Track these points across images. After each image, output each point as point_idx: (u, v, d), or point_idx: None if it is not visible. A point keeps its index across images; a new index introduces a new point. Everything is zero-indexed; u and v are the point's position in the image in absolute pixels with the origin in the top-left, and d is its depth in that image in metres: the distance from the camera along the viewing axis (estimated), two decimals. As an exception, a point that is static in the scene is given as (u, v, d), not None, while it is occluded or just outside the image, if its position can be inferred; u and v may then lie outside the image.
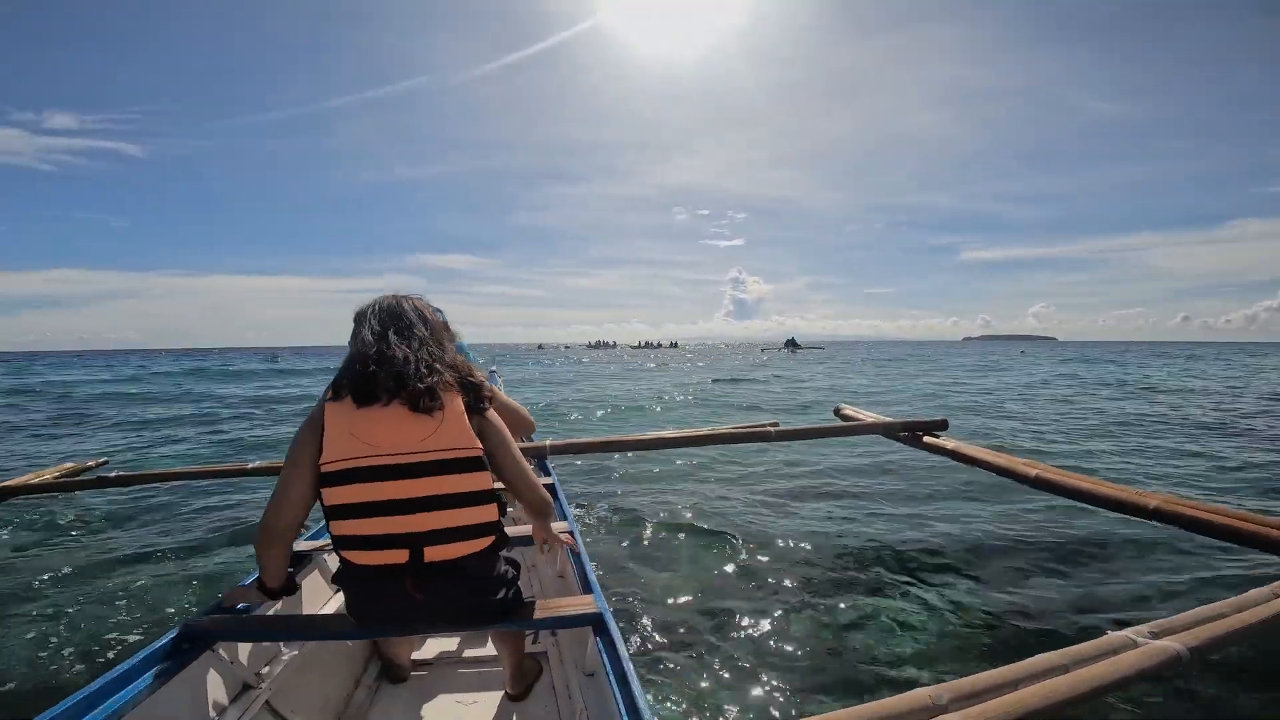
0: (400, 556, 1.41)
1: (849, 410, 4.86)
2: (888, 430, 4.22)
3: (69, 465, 5.46)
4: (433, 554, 1.42)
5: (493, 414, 1.56)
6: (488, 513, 1.46)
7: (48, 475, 4.84)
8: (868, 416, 4.60)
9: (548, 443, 3.69)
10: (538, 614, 1.60)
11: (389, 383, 1.44)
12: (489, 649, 2.30)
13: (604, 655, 1.48)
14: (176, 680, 1.47)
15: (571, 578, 2.17)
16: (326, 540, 2.38)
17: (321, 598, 2.29)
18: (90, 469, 5.33)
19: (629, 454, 7.29)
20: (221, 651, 1.65)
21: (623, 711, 1.27)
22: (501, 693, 2.03)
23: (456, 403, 1.47)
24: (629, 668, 1.39)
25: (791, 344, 75.93)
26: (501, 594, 1.53)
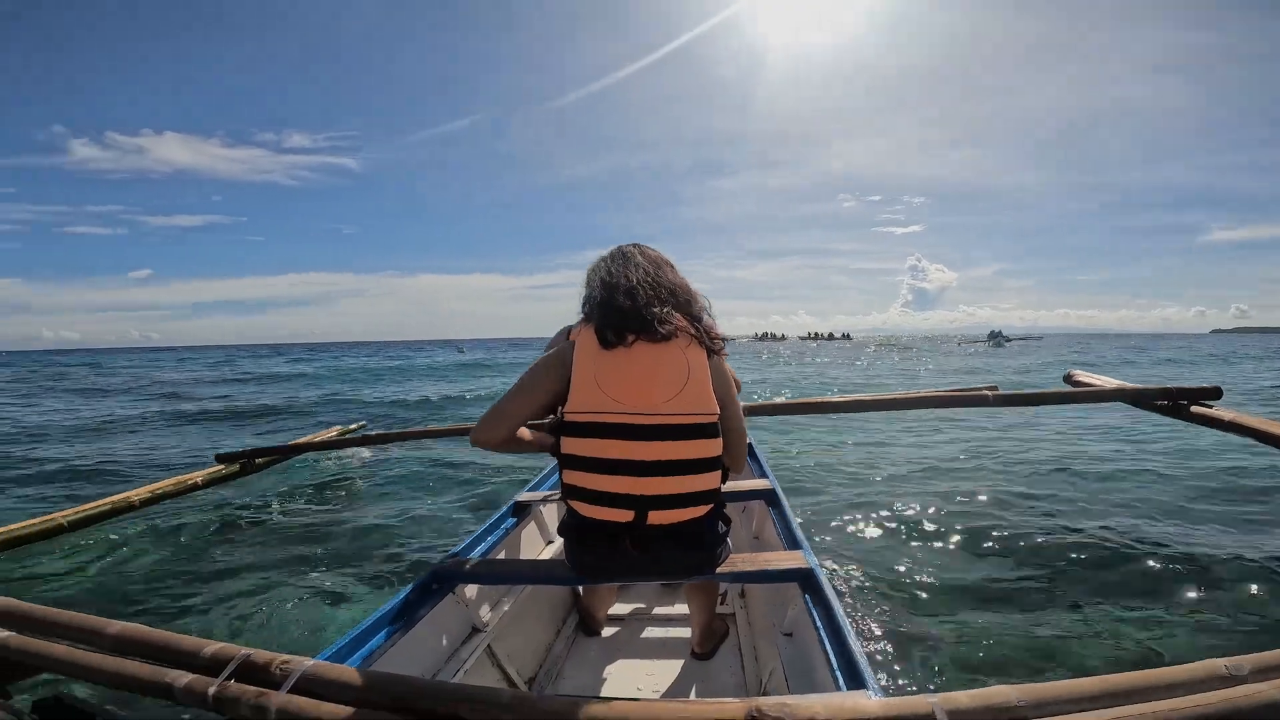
0: (625, 516, 1.43)
1: (1083, 376, 4.20)
2: (1138, 398, 3.56)
3: (337, 428, 6.65)
4: (656, 517, 1.43)
5: (726, 365, 1.55)
6: (713, 480, 1.46)
7: (323, 436, 5.92)
8: (1109, 382, 3.93)
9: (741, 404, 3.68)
10: (744, 567, 1.60)
11: (635, 318, 1.43)
12: (678, 608, 2.36)
13: (813, 613, 1.45)
14: (424, 622, 1.62)
15: (772, 536, 2.15)
16: (545, 492, 2.60)
17: (536, 549, 2.48)
18: (354, 430, 6.44)
19: (826, 417, 7.10)
20: (462, 593, 1.84)
21: (837, 670, 1.22)
22: (688, 651, 2.07)
23: (700, 359, 1.45)
24: (845, 624, 1.34)
25: (997, 337, 66.70)
26: (712, 550, 1.55)
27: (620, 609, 2.40)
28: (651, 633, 2.27)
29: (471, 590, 1.89)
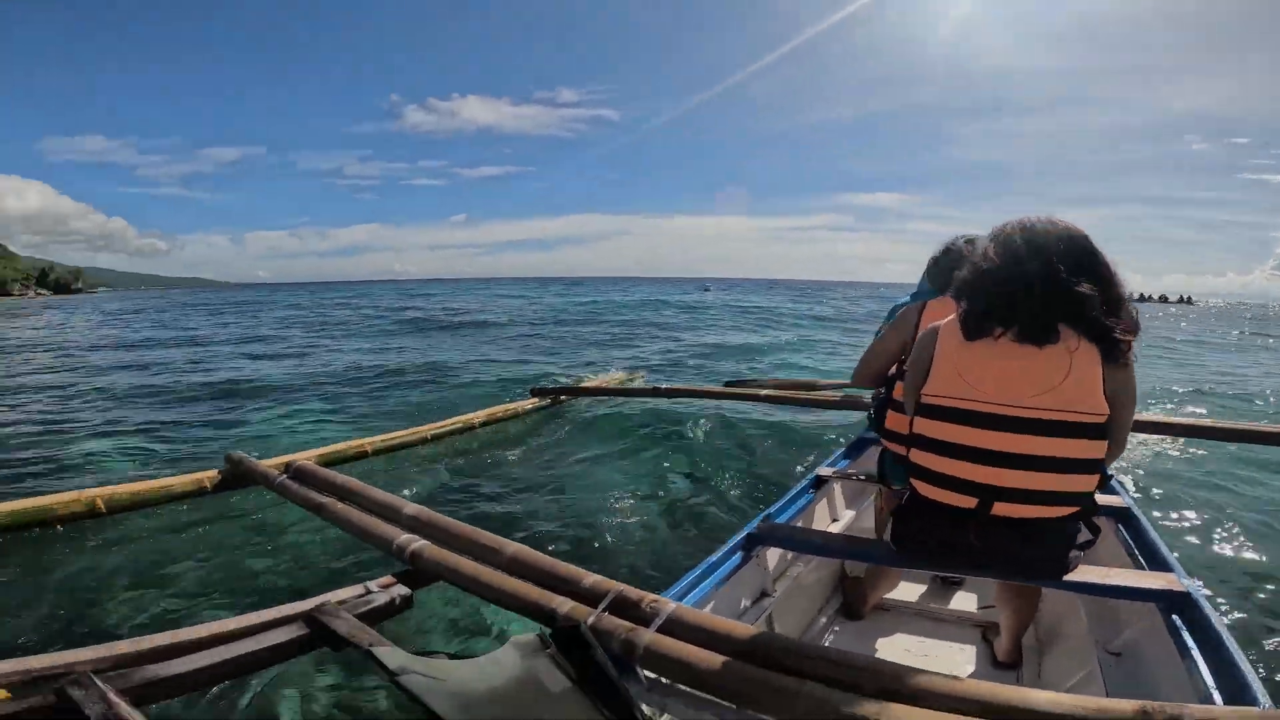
0: (968, 502, 1.40)
1: None
2: None
3: (619, 374, 7.22)
4: (1003, 509, 1.38)
5: (1132, 369, 1.36)
6: (1084, 482, 1.36)
7: (604, 381, 6.44)
8: None
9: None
10: (1098, 579, 1.45)
11: (1001, 311, 1.33)
12: (953, 603, 2.28)
13: (1191, 645, 1.31)
14: (733, 581, 1.77)
15: (1121, 555, 1.95)
16: (841, 469, 2.61)
17: (824, 524, 2.54)
18: (633, 379, 6.91)
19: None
20: (764, 557, 1.96)
21: (1212, 687, 1.16)
22: (952, 647, 2.05)
23: (1090, 355, 1.30)
24: (1233, 649, 1.22)
25: None
26: (1067, 554, 1.44)
27: (891, 595, 2.28)
28: (919, 625, 2.21)
29: (773, 556, 2.02)
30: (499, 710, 0.92)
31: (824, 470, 2.53)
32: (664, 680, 1.28)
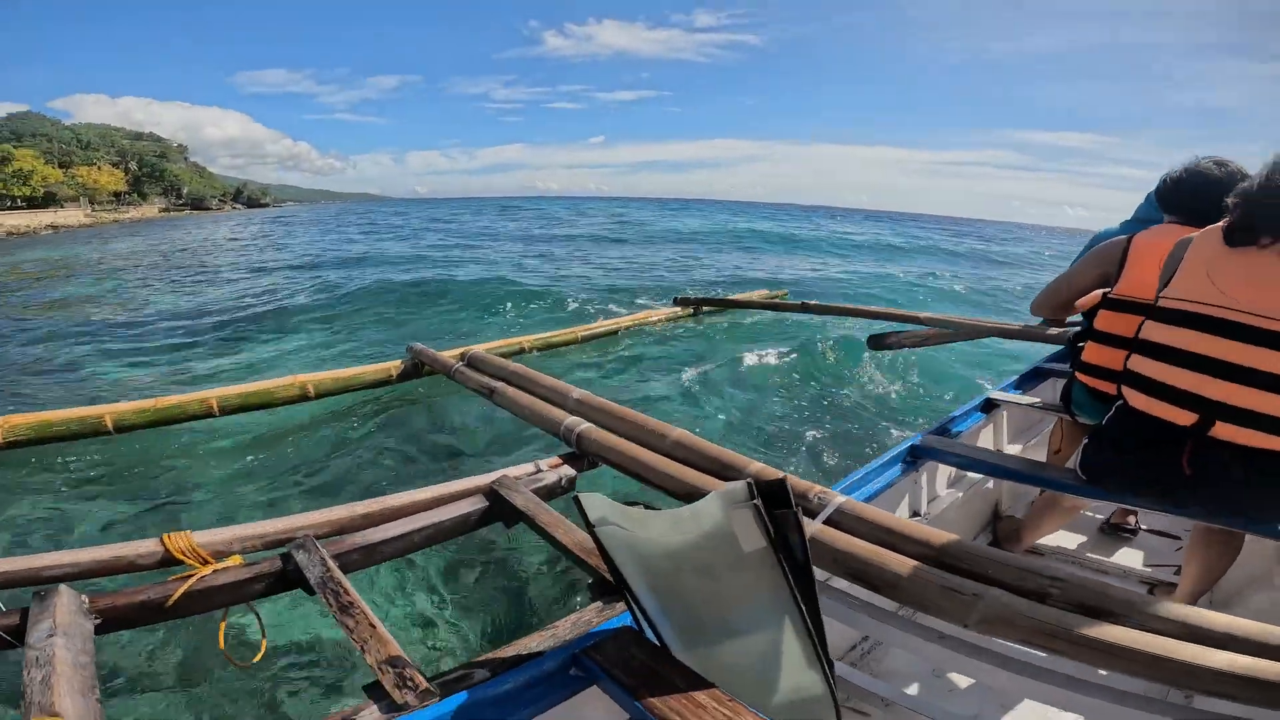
0: (1187, 418, 1.30)
1: None
2: None
3: (762, 292, 7.02)
4: (1225, 432, 1.27)
5: None
6: None
7: (757, 296, 6.27)
8: None
9: None
10: None
11: (1270, 225, 1.24)
12: (1117, 559, 2.07)
13: None
14: (890, 491, 1.71)
15: None
16: (1016, 395, 2.40)
17: (989, 446, 2.37)
18: (777, 296, 6.64)
19: None
20: (924, 473, 1.88)
21: None
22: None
23: None
24: None
25: None
26: None
27: (1047, 540, 2.10)
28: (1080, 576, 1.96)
29: (931, 474, 1.94)
30: (684, 566, 0.91)
31: (996, 394, 2.37)
32: (830, 576, 1.27)
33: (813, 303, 4.99)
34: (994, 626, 1.01)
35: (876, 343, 3.85)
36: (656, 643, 0.97)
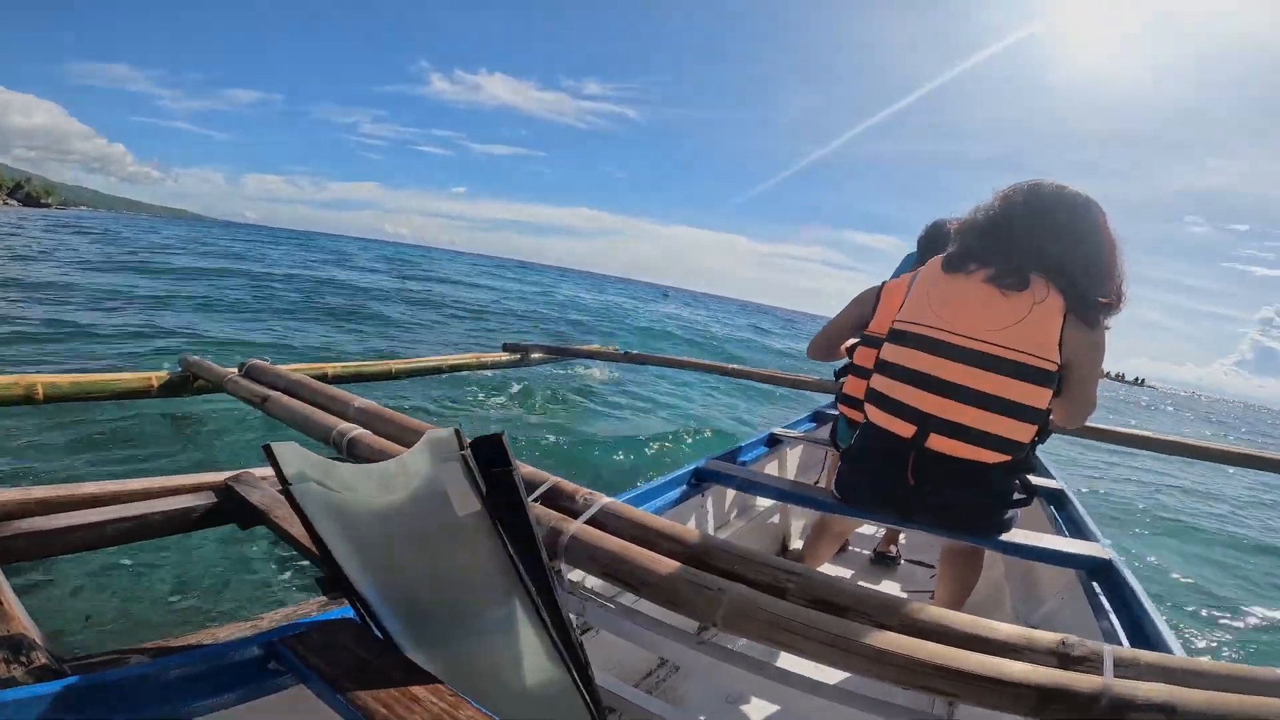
0: (907, 430, 1.40)
1: None
2: None
3: (594, 345, 7.17)
4: (938, 444, 1.37)
5: (1101, 332, 1.37)
6: (1020, 430, 1.35)
7: (589, 347, 6.41)
8: None
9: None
10: (1029, 541, 1.44)
11: (981, 253, 1.40)
12: (883, 587, 2.22)
13: (1109, 609, 1.31)
14: (676, 510, 1.76)
15: (1049, 529, 1.99)
16: (800, 431, 2.64)
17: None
18: (606, 349, 6.88)
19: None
20: (711, 496, 1.93)
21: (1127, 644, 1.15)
22: None
23: (1054, 303, 1.33)
24: (1153, 614, 1.21)
25: None
26: (999, 511, 1.43)
27: (826, 569, 2.26)
28: None
29: (720, 495, 2.01)
30: (398, 535, 0.81)
31: (780, 430, 2.55)
32: (588, 579, 1.25)
33: (635, 353, 5.19)
34: (737, 623, 1.00)
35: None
36: (379, 636, 0.84)
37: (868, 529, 2.65)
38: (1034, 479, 2.27)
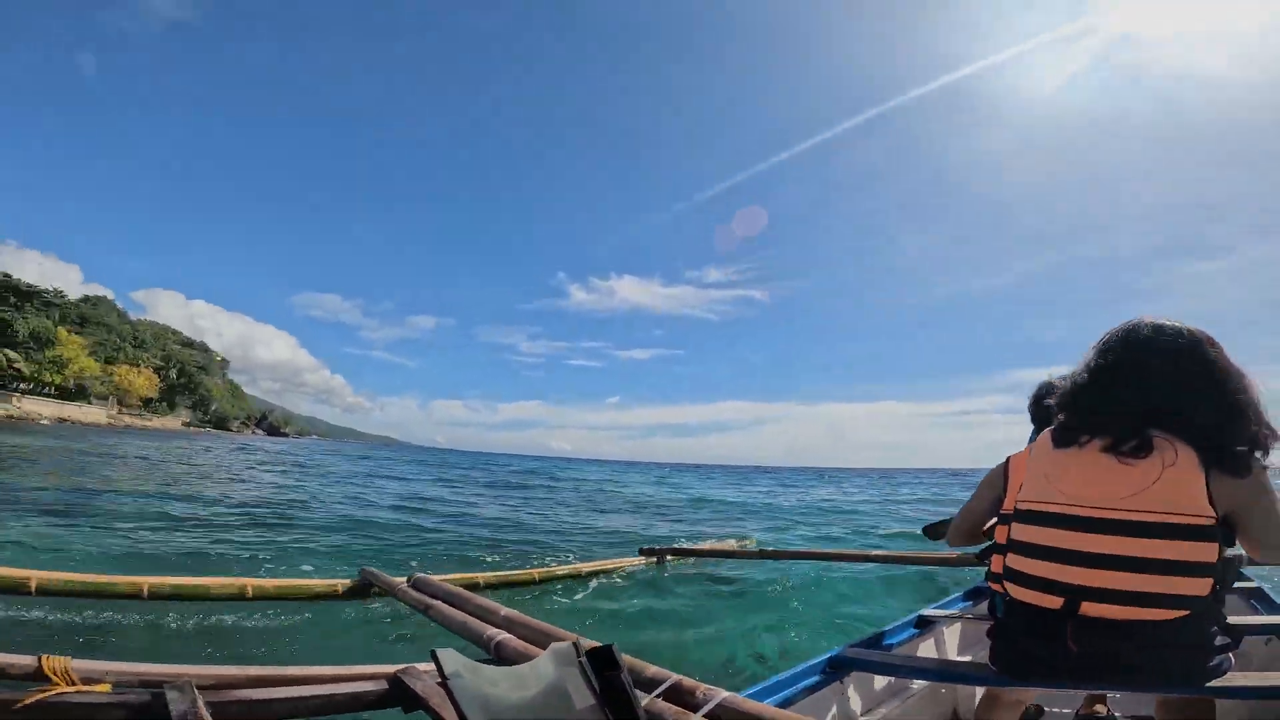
0: (1054, 602, 1.34)
1: None
2: None
3: (730, 541, 7.04)
4: (1092, 609, 1.29)
5: (1259, 475, 1.23)
6: (1190, 585, 1.23)
7: (722, 545, 6.33)
8: None
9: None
10: (1254, 683, 1.30)
11: (1090, 424, 1.35)
12: None
13: None
14: (813, 699, 1.70)
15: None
16: (952, 611, 2.50)
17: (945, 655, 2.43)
18: (743, 544, 6.72)
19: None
20: (854, 683, 1.85)
21: None
22: None
23: (1188, 461, 1.23)
24: None
25: None
26: (1196, 658, 1.29)
27: None
28: None
29: (860, 683, 1.89)
30: (525, 717, 0.96)
31: (929, 611, 2.38)
32: None
33: (769, 549, 5.04)
34: None
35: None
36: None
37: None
38: (1251, 618, 2.07)
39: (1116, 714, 2.18)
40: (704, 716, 1.29)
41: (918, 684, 2.17)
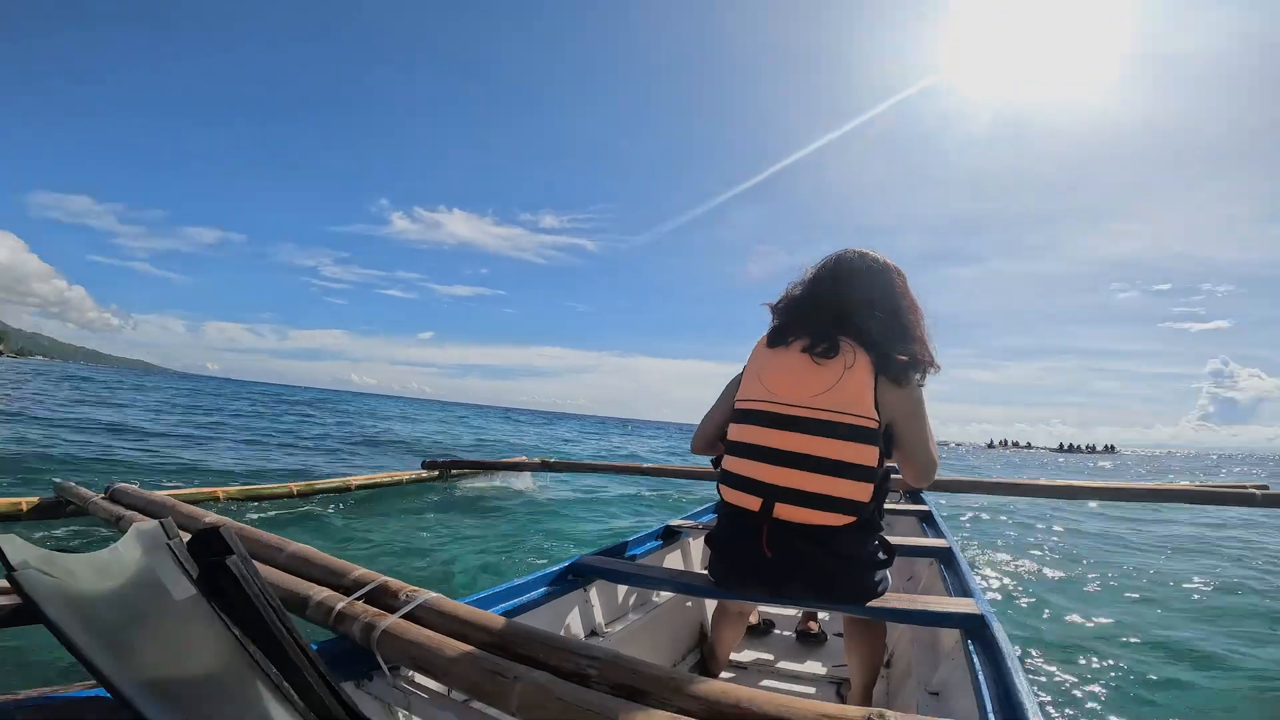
0: (754, 503, 1.41)
1: None
2: None
3: (522, 457, 7.23)
4: (784, 512, 1.38)
5: (914, 390, 1.43)
6: (857, 490, 1.35)
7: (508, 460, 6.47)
8: None
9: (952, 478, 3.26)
10: (901, 604, 1.42)
11: (796, 325, 1.47)
12: (810, 665, 2.17)
13: (976, 664, 1.26)
14: (548, 606, 1.66)
15: (940, 590, 1.97)
16: (698, 522, 2.54)
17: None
18: (533, 462, 6.94)
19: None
20: (593, 592, 1.86)
21: (992, 717, 1.08)
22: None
23: (863, 365, 1.38)
24: (1018, 678, 1.16)
25: None
26: (863, 575, 1.41)
27: (747, 655, 2.21)
28: (775, 684, 2.05)
29: (603, 591, 1.91)
30: (118, 614, 0.81)
31: (676, 522, 2.47)
32: (406, 672, 1.24)
33: (554, 461, 5.25)
34: (534, 710, 0.97)
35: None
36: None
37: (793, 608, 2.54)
38: (923, 540, 2.27)
39: (828, 634, 2.33)
40: (402, 618, 1.24)
41: (664, 595, 2.18)
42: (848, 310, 1.43)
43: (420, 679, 1.28)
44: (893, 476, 1.52)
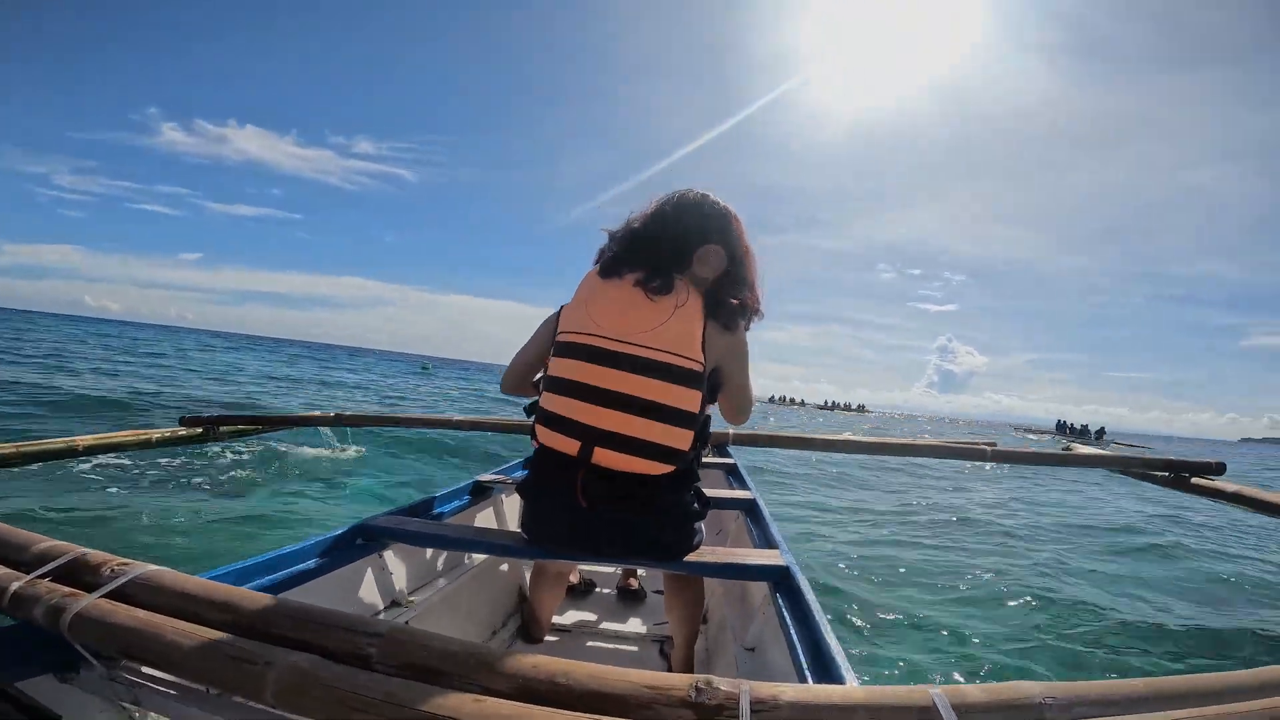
0: (573, 446, 1.33)
1: (1086, 450, 3.95)
2: (1144, 466, 3.31)
3: (316, 411, 6.58)
4: (603, 458, 1.31)
5: (741, 334, 1.42)
6: (678, 437, 1.32)
7: (310, 413, 5.84)
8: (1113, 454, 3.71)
9: (730, 431, 3.53)
10: (715, 559, 1.43)
11: (632, 258, 1.40)
12: (632, 624, 2.15)
13: (785, 613, 1.29)
14: (332, 576, 1.45)
15: (747, 542, 2.01)
16: (501, 476, 2.41)
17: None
18: (325, 416, 6.35)
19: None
20: (390, 558, 1.66)
21: (806, 668, 1.11)
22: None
23: (694, 305, 1.35)
24: (821, 621, 1.19)
25: (1084, 433, 51.87)
26: (679, 529, 1.39)
27: (570, 617, 2.16)
28: (598, 648, 2.03)
29: (402, 556, 1.72)
30: None
31: (486, 477, 2.33)
32: (120, 661, 1.03)
33: (348, 414, 4.85)
34: (294, 700, 0.81)
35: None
36: None
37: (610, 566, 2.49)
38: (729, 492, 2.30)
39: (648, 590, 2.32)
40: (103, 597, 1.05)
41: (477, 558, 2.05)
42: (685, 249, 1.40)
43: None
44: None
